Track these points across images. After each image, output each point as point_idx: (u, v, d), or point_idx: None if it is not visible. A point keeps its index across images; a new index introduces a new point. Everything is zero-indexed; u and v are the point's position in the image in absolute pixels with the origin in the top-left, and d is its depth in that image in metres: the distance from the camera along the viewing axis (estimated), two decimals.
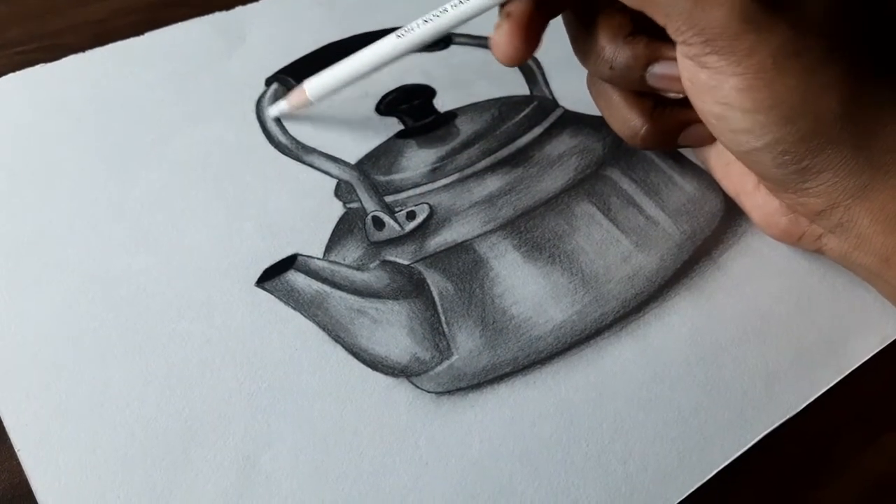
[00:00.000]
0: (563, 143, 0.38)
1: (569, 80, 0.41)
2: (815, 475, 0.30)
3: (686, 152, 0.38)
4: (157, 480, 0.28)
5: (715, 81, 0.29)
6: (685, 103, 0.32)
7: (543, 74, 0.42)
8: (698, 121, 0.32)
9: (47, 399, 0.29)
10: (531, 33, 0.31)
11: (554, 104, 0.40)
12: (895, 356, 0.33)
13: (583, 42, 0.33)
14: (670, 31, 0.29)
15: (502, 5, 0.32)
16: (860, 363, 0.32)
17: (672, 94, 0.33)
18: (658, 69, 0.32)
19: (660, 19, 0.29)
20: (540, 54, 0.42)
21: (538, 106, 0.40)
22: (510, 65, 0.32)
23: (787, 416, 0.31)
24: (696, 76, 0.29)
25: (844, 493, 0.30)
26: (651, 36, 0.31)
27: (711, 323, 0.33)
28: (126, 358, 0.30)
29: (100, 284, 0.32)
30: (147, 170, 0.36)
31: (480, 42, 0.43)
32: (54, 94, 0.39)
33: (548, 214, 0.35)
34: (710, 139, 0.34)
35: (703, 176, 0.38)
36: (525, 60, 0.32)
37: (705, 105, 0.30)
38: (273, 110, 0.38)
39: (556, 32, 0.41)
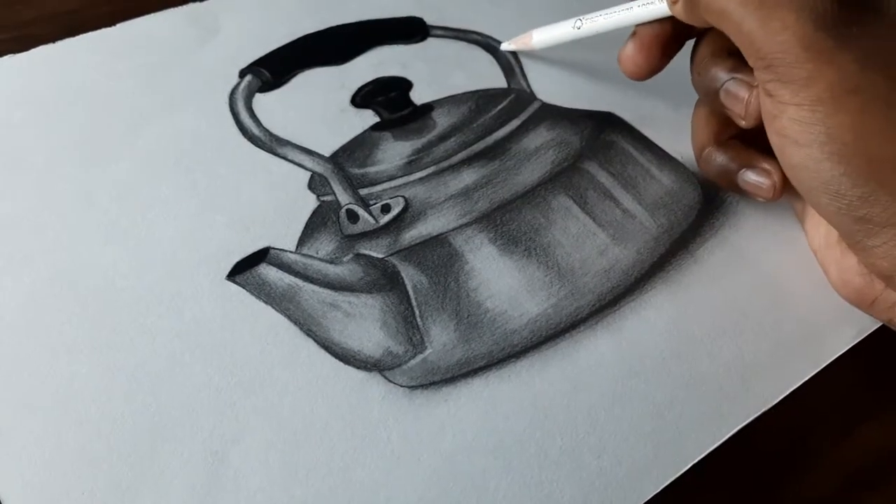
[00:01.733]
0: (540, 136, 0.38)
1: (546, 73, 0.41)
2: (792, 468, 0.30)
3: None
4: (123, 477, 0.27)
5: (776, 110, 0.28)
6: (762, 144, 0.31)
7: (521, 67, 0.42)
8: (761, 167, 0.32)
9: (10, 393, 0.29)
10: (653, 53, 0.33)
11: (531, 97, 0.40)
12: (871, 349, 0.33)
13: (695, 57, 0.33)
14: (742, 52, 0.28)
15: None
16: (836, 356, 0.32)
17: (738, 121, 0.32)
18: (731, 86, 0.31)
19: (734, 39, 0.28)
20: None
21: (515, 99, 0.39)
22: (634, 79, 0.35)
23: (763, 409, 0.31)
24: (763, 104, 0.29)
25: (820, 486, 0.30)
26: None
27: (688, 316, 0.33)
28: (93, 352, 0.30)
29: (67, 277, 0.32)
30: (117, 161, 0.36)
31: (458, 34, 0.43)
32: (23, 86, 0.38)
33: (524, 208, 0.35)
34: (767, 192, 0.33)
35: (681, 169, 0.37)
36: (648, 78, 0.34)
37: (770, 135, 0.29)
38: (505, 45, 0.40)
39: (535, 26, 0.41)
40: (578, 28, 0.37)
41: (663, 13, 0.33)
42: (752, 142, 0.33)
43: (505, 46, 0.39)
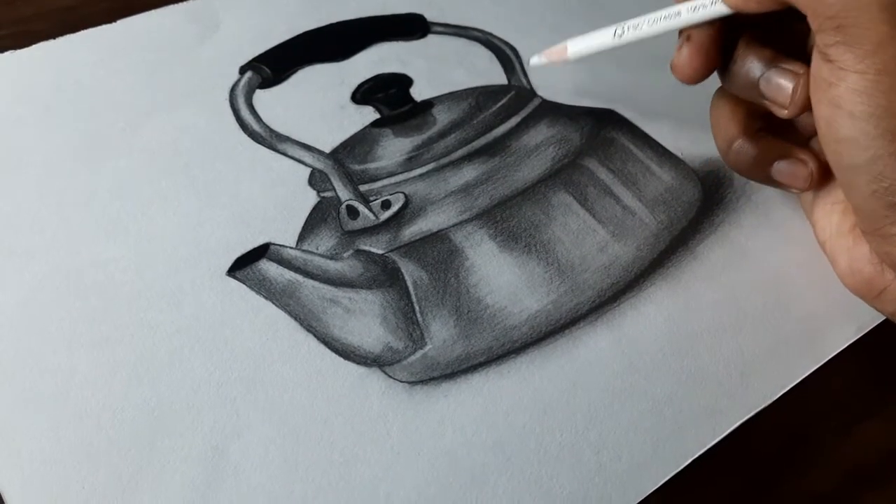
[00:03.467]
0: (540, 133, 0.38)
1: (547, 69, 0.41)
2: (792, 465, 0.30)
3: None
4: (122, 471, 0.27)
5: (834, 78, 0.26)
6: (789, 135, 0.31)
7: (521, 64, 0.42)
8: (796, 156, 0.31)
9: (11, 387, 0.29)
10: (711, 55, 0.31)
11: (532, 94, 0.40)
12: (871, 346, 0.33)
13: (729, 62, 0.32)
14: (808, 15, 0.27)
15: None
16: (837, 352, 0.32)
17: (780, 111, 0.31)
18: (774, 75, 0.30)
19: (800, 3, 0.27)
20: (518, 44, 0.42)
21: (516, 95, 0.39)
22: (690, 84, 0.32)
23: (763, 406, 0.31)
24: (818, 71, 0.27)
25: (820, 483, 0.30)
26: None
27: (687, 313, 0.33)
28: (93, 347, 0.30)
29: (67, 273, 0.32)
30: (117, 157, 0.36)
31: (458, 31, 0.43)
32: (23, 82, 0.38)
33: (524, 204, 0.35)
34: (803, 183, 0.32)
35: (681, 166, 0.37)
36: (703, 80, 0.32)
37: (818, 106, 0.28)
38: (534, 59, 0.35)
39: (536, 22, 0.41)
40: (620, 36, 0.33)
41: (720, 13, 0.30)
42: (779, 133, 0.33)
43: (535, 61, 0.34)
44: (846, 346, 0.32)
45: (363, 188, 0.35)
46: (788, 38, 0.31)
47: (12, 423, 0.28)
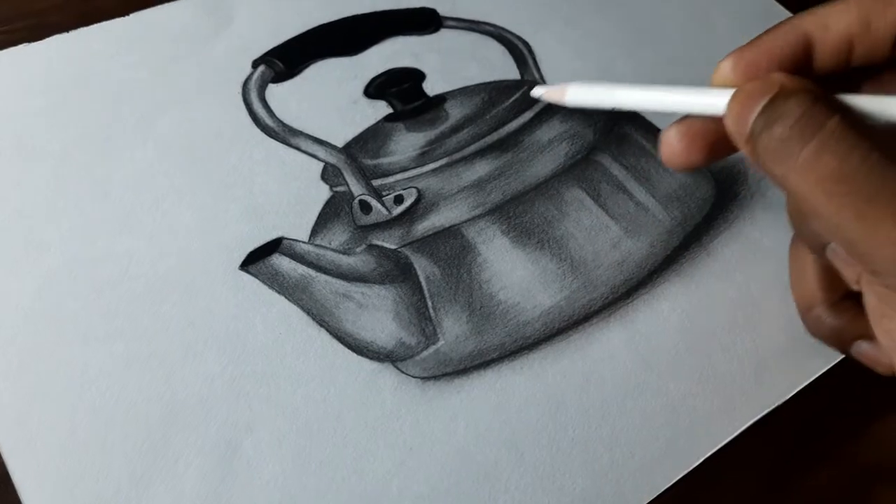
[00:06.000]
0: (553, 129, 0.38)
1: (560, 64, 0.41)
2: (805, 463, 0.30)
3: None
4: (136, 465, 0.27)
5: (882, 312, 0.25)
6: None
7: (534, 58, 0.41)
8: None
9: (26, 381, 0.29)
10: (701, 148, 0.27)
11: None
12: None
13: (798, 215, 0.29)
14: (845, 251, 0.24)
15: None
16: None
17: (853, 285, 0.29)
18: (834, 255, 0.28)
19: (829, 236, 0.25)
20: (531, 38, 0.42)
21: (529, 90, 0.39)
22: (670, 168, 0.30)
23: (778, 403, 0.30)
24: (868, 297, 0.26)
25: (835, 481, 0.30)
26: None
27: (701, 310, 0.33)
28: (107, 340, 0.30)
29: (82, 266, 0.32)
30: (131, 150, 0.36)
31: (471, 25, 0.43)
32: (38, 74, 0.38)
33: (537, 200, 0.35)
34: (884, 370, 0.29)
35: None
36: (688, 171, 0.30)
37: (877, 332, 0.26)
38: (535, 90, 0.31)
39: (549, 16, 0.41)
40: (621, 104, 0.28)
41: (714, 110, 0.25)
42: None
43: (535, 93, 0.31)
44: None
45: (376, 183, 0.35)
46: None
47: (27, 417, 0.28)
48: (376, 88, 0.40)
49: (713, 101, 0.25)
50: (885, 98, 0.23)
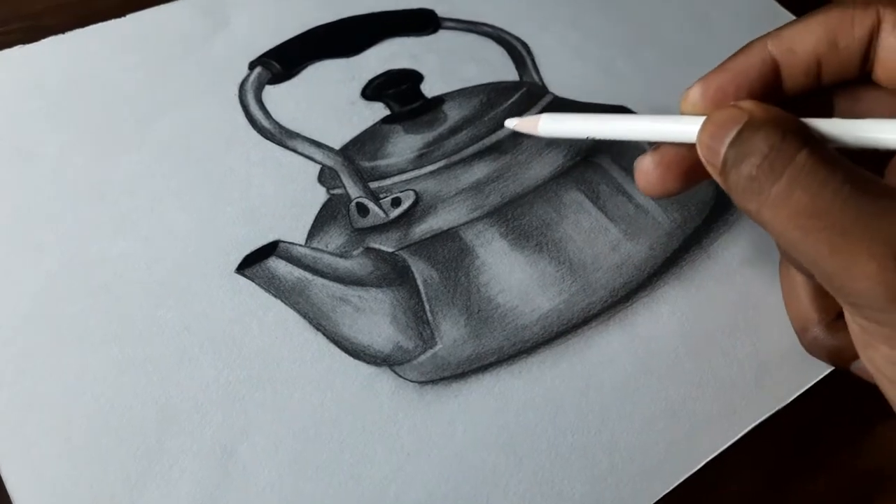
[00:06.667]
0: None
1: (559, 66, 0.41)
2: (806, 467, 0.30)
3: None
4: (131, 470, 0.27)
5: (865, 342, 0.24)
6: None
7: (533, 60, 0.41)
8: None
9: (21, 385, 0.29)
10: (677, 176, 0.27)
11: (543, 90, 0.40)
12: None
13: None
14: (822, 283, 0.24)
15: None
16: None
17: None
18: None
19: (807, 266, 0.24)
20: (530, 39, 0.42)
21: (527, 92, 0.39)
22: (646, 195, 0.29)
23: (778, 408, 0.30)
24: (851, 326, 0.25)
25: (835, 486, 0.29)
26: None
27: (701, 313, 0.33)
28: (102, 345, 0.30)
29: (77, 269, 0.32)
30: (127, 153, 0.35)
31: (469, 27, 0.42)
32: (34, 77, 0.38)
33: (536, 202, 0.35)
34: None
35: None
36: (663, 198, 0.29)
37: (863, 359, 0.25)
38: (509, 122, 0.30)
39: (548, 17, 0.41)
40: (593, 134, 0.28)
41: (686, 138, 0.25)
42: None
43: (508, 124, 0.30)
44: None
45: (373, 185, 0.35)
46: None
47: (21, 422, 0.28)
48: (374, 90, 0.39)
49: (684, 128, 0.25)
50: (855, 122, 0.23)
